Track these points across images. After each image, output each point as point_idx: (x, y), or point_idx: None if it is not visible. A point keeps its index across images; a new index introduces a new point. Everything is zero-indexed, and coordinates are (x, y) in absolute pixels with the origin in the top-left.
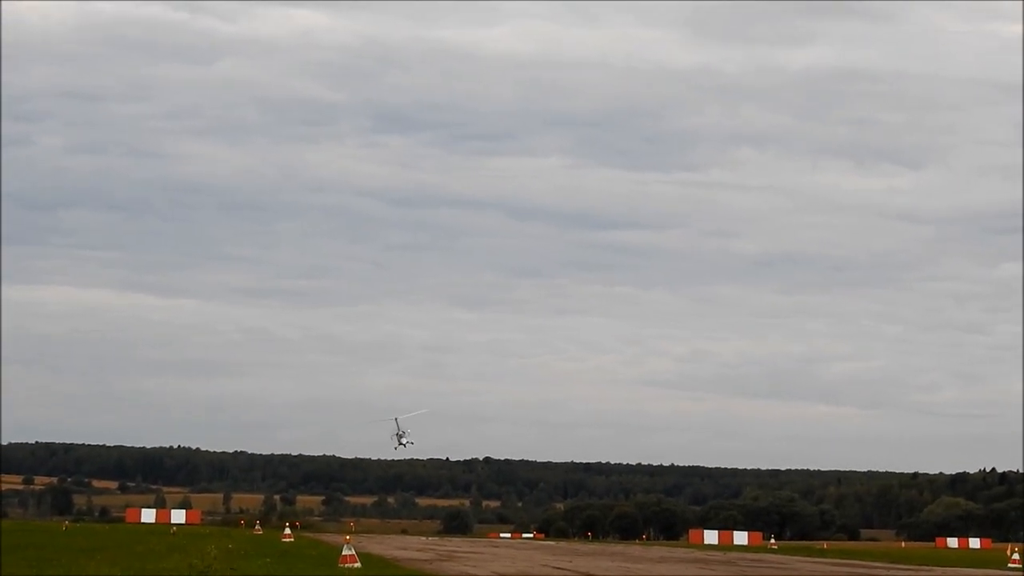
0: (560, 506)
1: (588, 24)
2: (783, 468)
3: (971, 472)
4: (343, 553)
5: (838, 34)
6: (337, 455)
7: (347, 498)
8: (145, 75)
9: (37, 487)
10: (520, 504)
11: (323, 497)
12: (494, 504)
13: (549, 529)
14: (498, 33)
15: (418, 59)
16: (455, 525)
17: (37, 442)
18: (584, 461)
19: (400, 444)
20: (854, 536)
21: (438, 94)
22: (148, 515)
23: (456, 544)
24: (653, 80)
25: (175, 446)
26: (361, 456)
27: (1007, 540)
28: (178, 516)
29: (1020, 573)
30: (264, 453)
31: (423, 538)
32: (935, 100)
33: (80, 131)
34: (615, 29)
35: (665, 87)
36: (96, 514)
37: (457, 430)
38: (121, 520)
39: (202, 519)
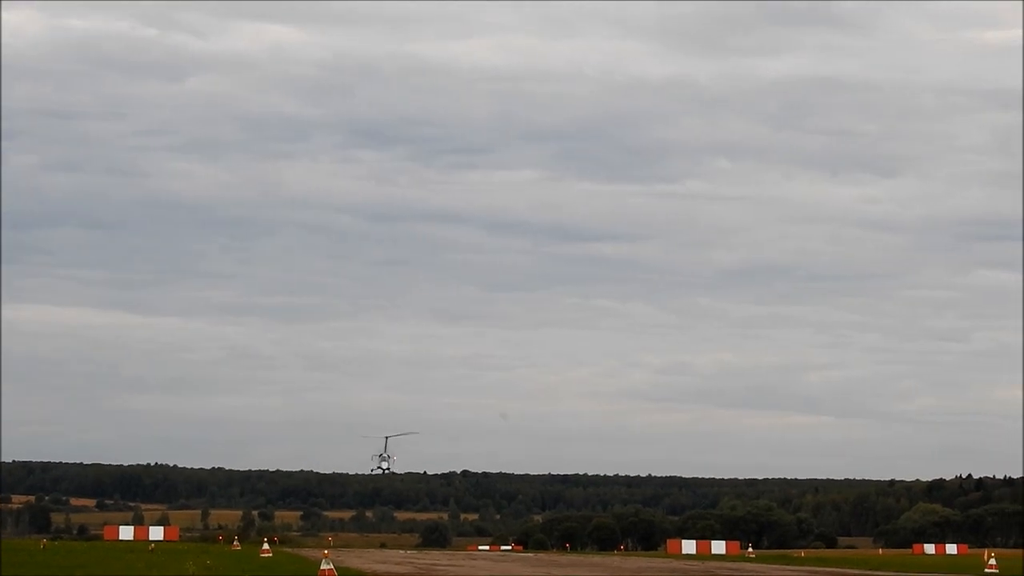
0: (538, 518)
1: (563, 36)
2: (760, 477)
3: (948, 479)
4: (321, 568)
5: (813, 44)
6: (315, 470)
7: (325, 513)
8: (120, 93)
9: (15, 505)
10: (498, 517)
11: (301, 512)
12: (472, 517)
13: (528, 541)
14: (473, 46)
15: (393, 74)
16: (434, 538)
17: (14, 460)
18: (562, 473)
19: (380, 468)
20: (831, 544)
21: (414, 108)
22: (126, 532)
23: (435, 557)
24: (629, 92)
25: (153, 463)
26: (339, 471)
27: (984, 546)
28: (156, 533)
29: None
30: (242, 469)
31: (402, 552)
32: (910, 109)
33: (56, 149)
34: (590, 41)
35: (641, 98)
36: (74, 532)
37: (435, 443)
38: (99, 538)
39: (180, 536)
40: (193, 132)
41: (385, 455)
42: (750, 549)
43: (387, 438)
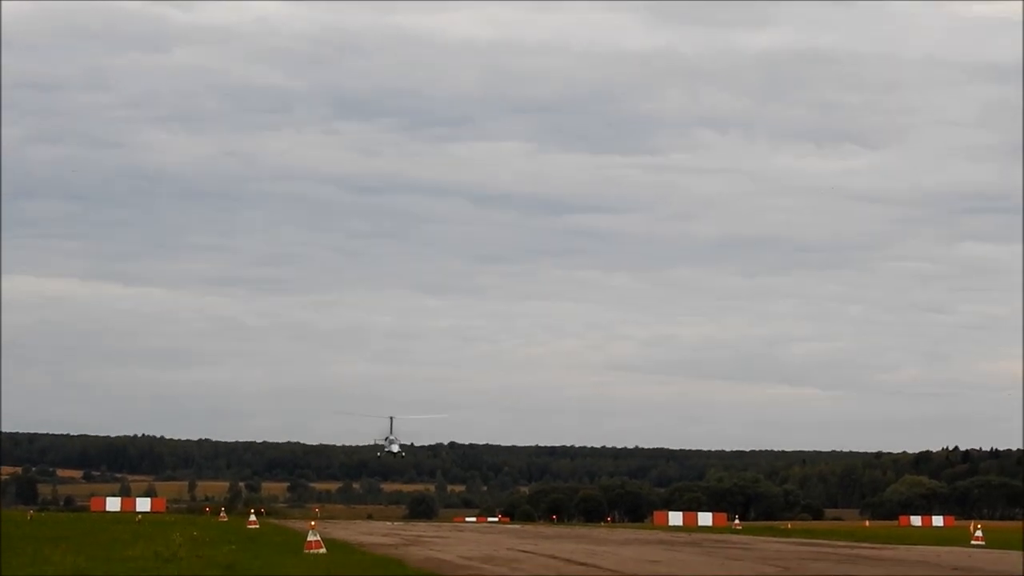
0: (525, 490)
1: (548, 8)
2: (747, 449)
3: (934, 451)
4: (308, 539)
5: (797, 16)
6: (302, 442)
7: (312, 484)
8: (103, 64)
9: (1, 477)
10: (485, 488)
11: (288, 484)
12: (459, 489)
13: (514, 513)
14: (457, 18)
15: (377, 45)
16: (420, 510)
17: (1, 432)
18: (549, 445)
19: (388, 450)
20: (818, 516)
21: (398, 80)
22: (113, 504)
23: (421, 529)
24: (613, 64)
25: (139, 435)
26: (326, 442)
27: (970, 518)
28: (143, 504)
29: (983, 550)
30: (229, 441)
31: (388, 523)
32: (895, 81)
33: (39, 121)
34: (575, 13)
35: (625, 71)
36: (61, 503)
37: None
38: (86, 509)
39: (167, 507)
40: (177, 104)
41: (391, 437)
42: (737, 521)
43: (391, 418)
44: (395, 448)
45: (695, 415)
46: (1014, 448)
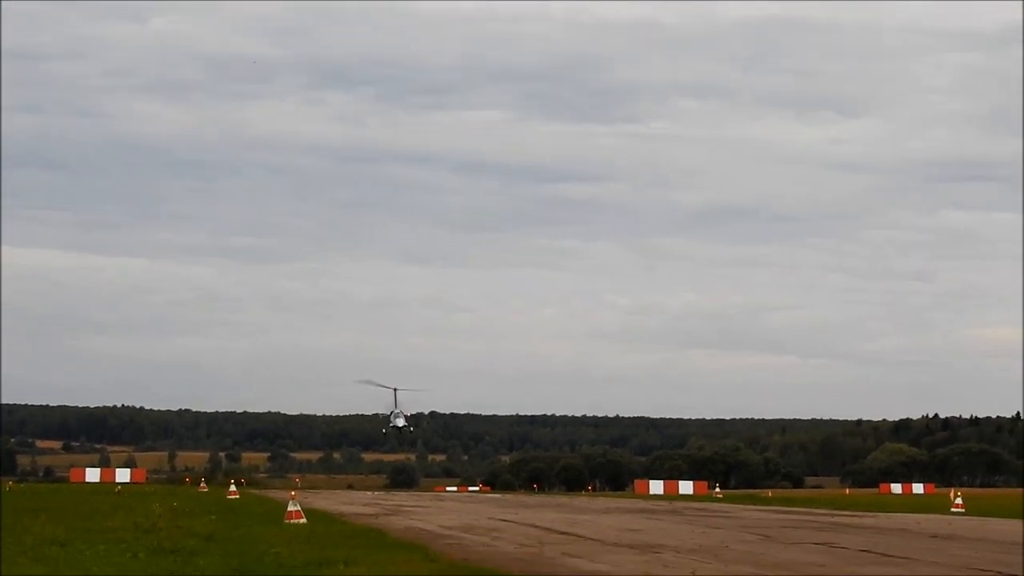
0: (506, 459)
1: None
2: (728, 418)
3: (914, 419)
4: (288, 509)
5: None
6: (282, 412)
7: (292, 454)
8: (83, 33)
9: None
10: (466, 458)
11: (268, 454)
12: (440, 458)
13: (495, 482)
14: None
15: (360, 14)
16: (401, 479)
17: None
18: (529, 414)
19: (395, 424)
20: (798, 484)
21: (381, 49)
22: (93, 474)
23: (402, 498)
24: (596, 33)
25: (119, 405)
26: (306, 412)
27: (950, 485)
28: (123, 475)
29: (964, 517)
30: (209, 411)
31: (369, 493)
32: (876, 49)
33: (19, 91)
34: None
35: (607, 40)
36: (40, 474)
37: (403, 384)
38: (65, 480)
39: (147, 478)
40: (157, 73)
41: (397, 410)
42: (717, 489)
43: (395, 390)
44: (400, 422)
45: (676, 384)
46: (994, 415)
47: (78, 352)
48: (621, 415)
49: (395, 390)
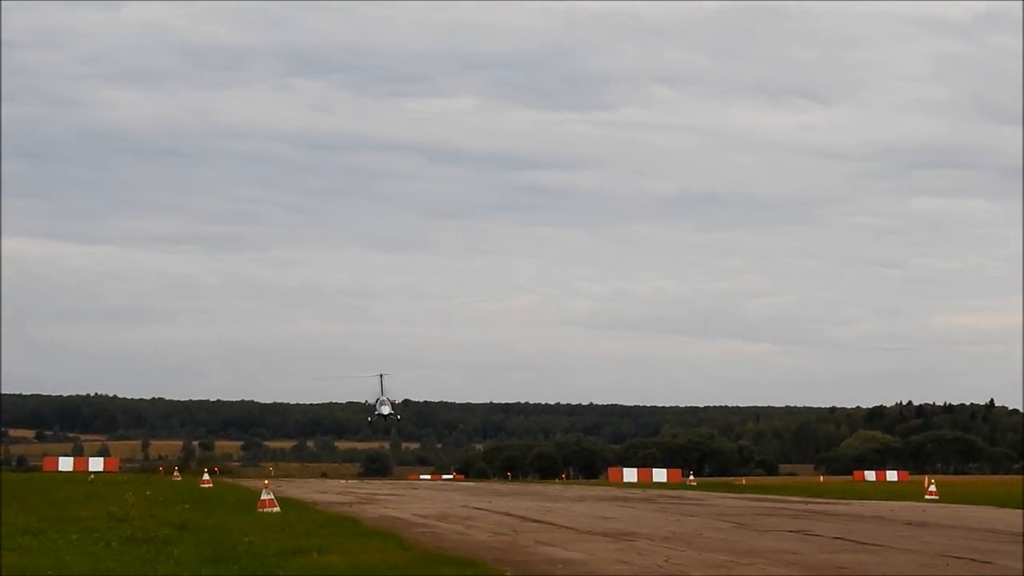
0: (480, 447)
1: None
2: (701, 405)
3: (888, 406)
4: (262, 498)
5: None
6: (256, 400)
7: (266, 443)
8: (55, 22)
9: None
10: (440, 446)
11: (242, 442)
12: (414, 446)
13: (469, 470)
14: None
15: (331, 2)
16: (375, 468)
17: None
18: (503, 402)
19: (380, 412)
20: (773, 471)
21: (351, 37)
22: (66, 463)
23: (376, 487)
24: (568, 20)
25: (92, 394)
26: (280, 401)
27: (924, 472)
28: (96, 464)
29: (937, 505)
30: (182, 399)
31: (343, 481)
32: (848, 36)
33: None
34: None
35: (580, 27)
36: (13, 463)
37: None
38: (38, 469)
39: (120, 467)
40: (129, 61)
41: (382, 397)
42: (691, 477)
43: (382, 376)
44: (386, 410)
45: (650, 371)
46: (967, 403)
47: (51, 341)
48: (595, 403)
49: (381, 375)
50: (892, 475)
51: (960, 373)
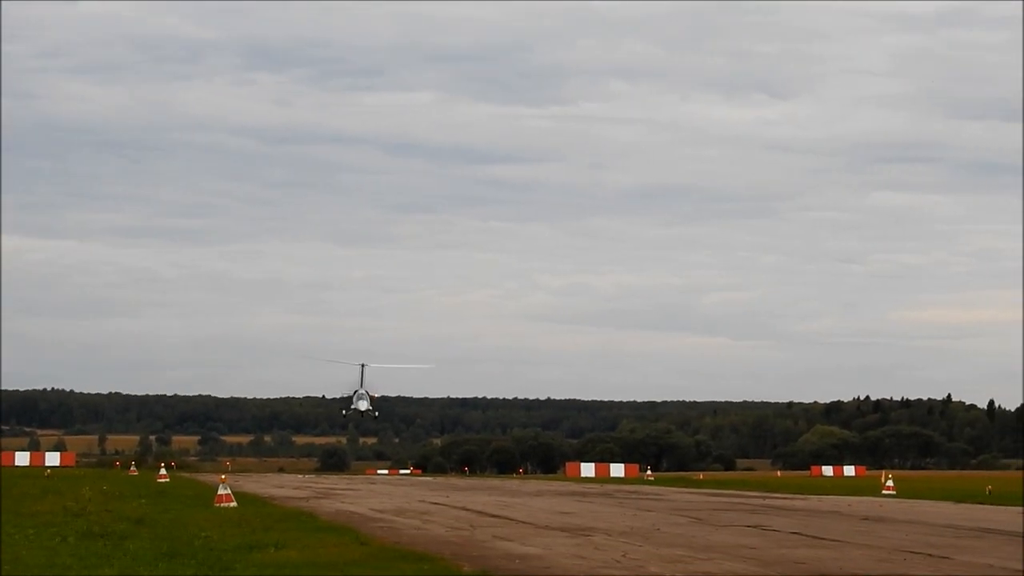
0: (437, 442)
1: None
2: (659, 400)
3: (845, 401)
4: (219, 492)
5: None
6: (213, 394)
7: (223, 437)
8: (14, 15)
9: None
10: (397, 440)
11: (199, 437)
12: (371, 441)
13: (426, 465)
14: None
15: None
16: (332, 462)
17: None
18: (461, 396)
19: (356, 407)
20: (730, 466)
21: (311, 30)
22: (22, 458)
23: (333, 481)
24: (526, 13)
25: (49, 388)
26: (237, 395)
27: (881, 467)
28: (52, 459)
29: (894, 499)
30: (139, 394)
31: (300, 476)
32: (807, 30)
33: None
34: None
35: (538, 20)
36: None
37: (335, 367)
38: None
39: (77, 461)
40: (88, 54)
41: (360, 391)
42: (649, 472)
43: (363, 366)
44: (363, 405)
45: (608, 366)
46: (925, 398)
47: (8, 335)
48: (553, 397)
49: (362, 366)
50: (849, 470)
51: (920, 368)
